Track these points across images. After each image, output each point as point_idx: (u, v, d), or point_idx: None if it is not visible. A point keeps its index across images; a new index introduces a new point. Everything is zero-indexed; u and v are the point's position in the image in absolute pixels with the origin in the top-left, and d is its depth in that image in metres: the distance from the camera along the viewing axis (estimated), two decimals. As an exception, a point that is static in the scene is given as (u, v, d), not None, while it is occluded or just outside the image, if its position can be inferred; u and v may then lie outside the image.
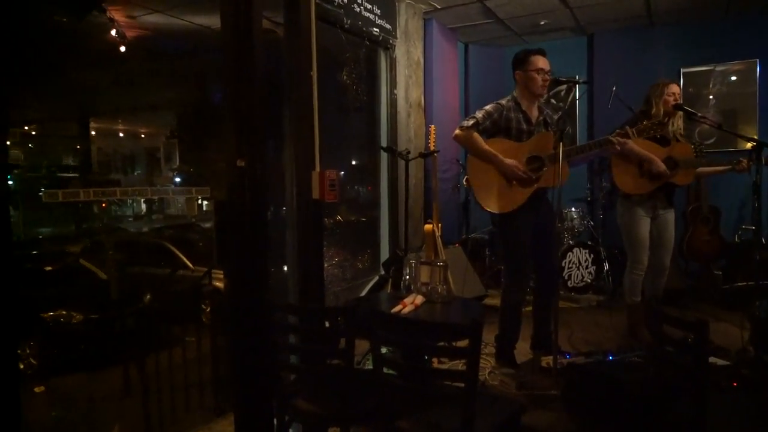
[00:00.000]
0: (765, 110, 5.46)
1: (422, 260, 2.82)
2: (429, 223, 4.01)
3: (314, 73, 3.27)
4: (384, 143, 4.92)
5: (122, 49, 4.65)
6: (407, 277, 2.80)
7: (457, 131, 3.19)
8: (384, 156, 4.99)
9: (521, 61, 3.22)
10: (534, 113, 3.26)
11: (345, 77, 4.56)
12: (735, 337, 3.39)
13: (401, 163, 4.41)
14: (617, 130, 3.23)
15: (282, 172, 3.16)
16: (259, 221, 2.45)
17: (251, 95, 2.50)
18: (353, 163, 5.43)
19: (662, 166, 3.51)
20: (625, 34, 5.97)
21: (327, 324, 2.21)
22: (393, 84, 4.97)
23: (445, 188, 5.60)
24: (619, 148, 3.16)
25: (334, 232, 4.60)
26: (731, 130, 4.89)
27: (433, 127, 4.40)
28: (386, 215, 5.01)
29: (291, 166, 3.10)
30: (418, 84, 5.41)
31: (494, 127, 3.19)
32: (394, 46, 4.95)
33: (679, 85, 3.67)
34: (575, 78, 3.21)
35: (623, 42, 5.96)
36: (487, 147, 3.14)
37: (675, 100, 3.57)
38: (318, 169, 3.21)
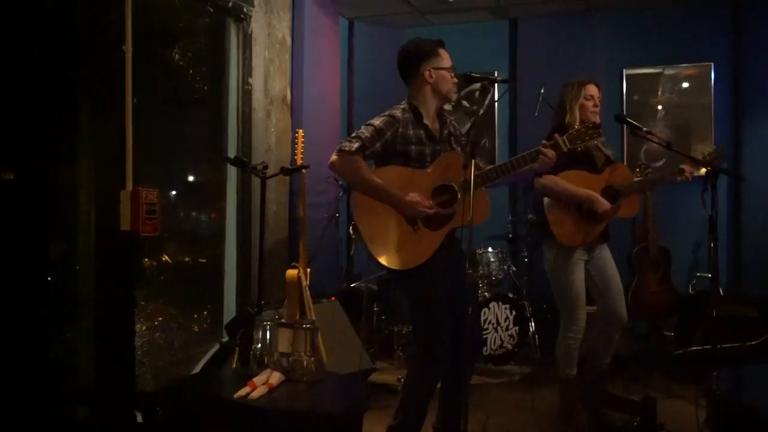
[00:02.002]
0: (721, 125, 6.08)
1: (282, 320, 2.79)
2: (294, 267, 3.99)
3: (129, 48, 3.18)
4: (232, 153, 4.86)
5: None
6: (259, 345, 2.77)
7: (334, 157, 3.11)
8: (232, 171, 4.93)
9: (428, 54, 3.23)
10: (436, 126, 3.31)
11: (177, 56, 4.48)
12: (689, 418, 3.65)
13: (256, 181, 4.36)
14: (543, 141, 3.39)
15: (75, 189, 3.05)
16: (32, 261, 2.33)
17: (26, 74, 2.40)
18: (188, 179, 5.29)
19: (606, 205, 3.75)
20: (556, 20, 6.42)
21: (139, 417, 2.13)
22: (247, 70, 4.96)
23: (318, 218, 5.61)
24: (552, 159, 3.23)
25: (157, 279, 4.44)
26: (682, 148, 5.35)
27: (301, 132, 4.42)
28: (233, 255, 4.95)
29: (89, 181, 2.98)
30: (282, 72, 5.43)
31: (387, 150, 3.15)
32: (250, 17, 4.96)
33: (599, 87, 3.98)
34: (494, 75, 3.37)
35: (554, 31, 6.39)
36: (375, 180, 3.11)
37: (595, 105, 3.86)
38: (131, 186, 3.11)
